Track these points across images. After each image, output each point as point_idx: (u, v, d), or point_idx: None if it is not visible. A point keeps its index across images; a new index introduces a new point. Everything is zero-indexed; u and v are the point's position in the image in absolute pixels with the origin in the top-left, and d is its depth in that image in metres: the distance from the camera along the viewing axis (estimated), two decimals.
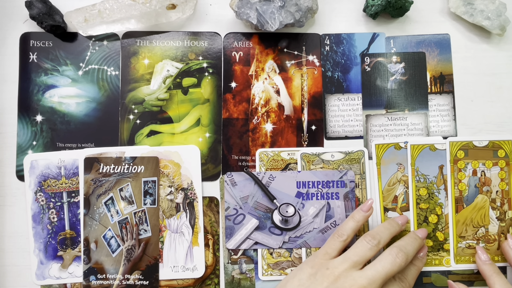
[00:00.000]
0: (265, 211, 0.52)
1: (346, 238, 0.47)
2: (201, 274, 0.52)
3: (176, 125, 0.54)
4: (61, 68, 0.54)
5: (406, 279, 0.47)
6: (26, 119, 0.53)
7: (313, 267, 0.46)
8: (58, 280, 0.51)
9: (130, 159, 0.52)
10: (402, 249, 0.45)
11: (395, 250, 0.45)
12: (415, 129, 0.54)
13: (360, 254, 0.45)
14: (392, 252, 0.45)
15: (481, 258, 0.51)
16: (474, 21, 0.55)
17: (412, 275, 0.48)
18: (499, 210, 0.53)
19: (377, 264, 0.44)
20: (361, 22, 0.56)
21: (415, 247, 0.47)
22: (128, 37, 0.55)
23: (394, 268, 0.44)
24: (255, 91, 0.55)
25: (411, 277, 0.48)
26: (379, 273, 0.44)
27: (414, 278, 0.48)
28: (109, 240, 0.51)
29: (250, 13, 0.52)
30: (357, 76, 0.55)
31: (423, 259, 0.49)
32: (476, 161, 0.53)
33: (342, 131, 0.55)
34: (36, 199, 0.52)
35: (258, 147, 0.54)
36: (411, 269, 0.48)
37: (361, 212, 0.49)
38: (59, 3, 0.54)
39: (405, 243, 0.47)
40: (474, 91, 0.55)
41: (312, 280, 0.44)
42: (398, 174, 0.53)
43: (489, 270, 0.49)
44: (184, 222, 0.52)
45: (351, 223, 0.48)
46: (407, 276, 0.47)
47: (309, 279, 0.45)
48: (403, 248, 0.46)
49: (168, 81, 0.54)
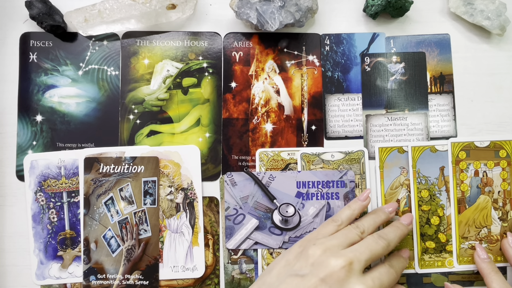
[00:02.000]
0: (265, 211, 0.52)
1: (341, 223, 0.47)
2: (201, 274, 0.52)
3: (176, 125, 0.54)
4: (61, 68, 0.54)
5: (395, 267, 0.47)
6: (26, 119, 0.53)
7: (300, 246, 0.46)
8: (58, 280, 0.51)
9: (130, 159, 0.52)
10: (382, 235, 0.46)
11: (376, 236, 0.46)
12: (415, 129, 0.54)
13: (347, 236, 0.45)
14: (374, 236, 0.46)
15: (479, 256, 0.51)
16: (474, 21, 0.55)
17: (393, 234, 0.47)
18: (501, 210, 0.53)
19: (361, 243, 0.45)
20: (361, 22, 0.56)
21: (397, 234, 0.47)
22: (128, 37, 0.55)
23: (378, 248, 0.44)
24: (255, 91, 0.55)
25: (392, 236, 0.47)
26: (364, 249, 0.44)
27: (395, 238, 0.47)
28: (109, 240, 0.51)
29: (250, 13, 0.52)
30: (357, 76, 0.55)
31: (408, 226, 0.49)
32: (477, 162, 0.53)
33: (342, 131, 0.55)
34: (36, 199, 0.52)
35: (258, 147, 0.54)
36: (395, 231, 0.48)
37: (358, 201, 0.49)
38: (59, 3, 0.54)
39: (387, 231, 0.47)
40: (474, 91, 0.55)
41: (298, 258, 0.44)
42: (401, 178, 0.53)
43: (487, 268, 0.49)
44: (184, 222, 0.52)
45: (347, 211, 0.49)
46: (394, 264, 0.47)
47: (296, 257, 0.45)
48: (384, 234, 0.46)
49: (168, 81, 0.54)
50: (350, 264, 0.42)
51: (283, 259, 0.45)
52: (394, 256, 0.49)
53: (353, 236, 0.46)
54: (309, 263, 0.43)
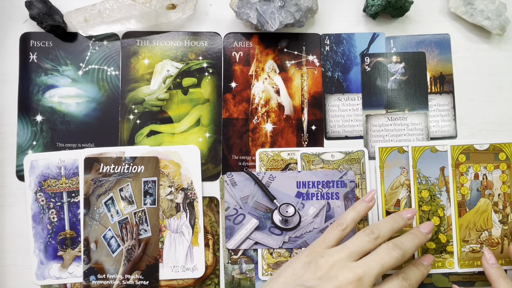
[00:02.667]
0: (265, 211, 0.52)
1: (346, 227, 0.46)
2: (201, 274, 0.52)
3: (176, 125, 0.54)
4: (61, 68, 0.54)
5: (410, 279, 0.45)
6: (26, 119, 0.53)
7: (308, 255, 0.44)
8: (58, 280, 0.51)
9: (130, 159, 0.52)
10: (398, 244, 0.44)
11: (391, 245, 0.44)
12: (415, 129, 0.54)
13: (358, 245, 0.44)
14: (388, 245, 0.44)
15: (488, 261, 0.49)
16: (474, 21, 0.55)
17: (416, 277, 0.45)
18: (501, 213, 0.53)
19: (373, 255, 0.43)
20: (361, 22, 0.56)
21: (415, 243, 0.45)
22: (128, 37, 0.55)
23: (391, 260, 0.43)
24: (255, 91, 0.55)
25: (415, 279, 0.45)
26: (375, 263, 0.42)
27: (418, 281, 0.46)
28: (109, 240, 0.51)
29: (250, 13, 0.52)
30: (357, 76, 0.55)
31: (428, 267, 0.47)
32: (477, 165, 0.53)
33: (342, 131, 0.55)
34: (36, 199, 0.52)
35: (258, 147, 0.54)
36: (415, 271, 0.46)
37: (363, 202, 0.48)
38: (59, 3, 0.54)
39: (404, 239, 0.45)
40: (474, 91, 0.55)
41: (306, 269, 0.43)
42: (401, 178, 0.53)
43: (496, 274, 0.48)
44: (184, 222, 0.52)
45: (352, 213, 0.47)
46: (411, 276, 0.45)
47: (303, 267, 0.44)
48: (400, 243, 0.44)
49: (168, 81, 0.54)
50: (359, 280, 0.41)
51: (290, 267, 0.44)
52: (410, 266, 0.47)
53: (364, 244, 0.44)
54: (316, 276, 0.42)
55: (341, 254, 0.43)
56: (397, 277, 0.44)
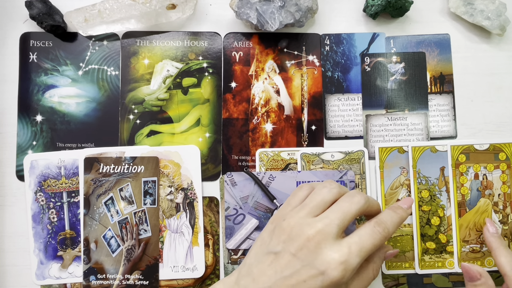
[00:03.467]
0: (265, 211, 0.52)
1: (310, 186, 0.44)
2: (201, 274, 0.52)
3: (176, 125, 0.54)
4: (61, 68, 0.54)
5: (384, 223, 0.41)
6: (26, 119, 0.53)
7: (272, 222, 0.43)
8: (58, 280, 0.51)
9: (130, 159, 0.52)
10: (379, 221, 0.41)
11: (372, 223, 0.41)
12: (415, 129, 0.54)
13: (316, 199, 0.42)
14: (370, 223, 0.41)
15: (489, 230, 0.49)
16: (474, 21, 0.55)
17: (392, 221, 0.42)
18: (501, 213, 0.53)
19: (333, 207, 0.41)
20: (361, 22, 0.56)
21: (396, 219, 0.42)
22: (128, 37, 0.55)
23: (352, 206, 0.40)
24: (255, 91, 0.55)
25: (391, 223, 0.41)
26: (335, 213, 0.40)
27: (395, 225, 0.42)
28: (109, 240, 0.51)
29: (250, 13, 0.52)
30: (357, 76, 0.55)
31: (407, 210, 0.44)
32: (477, 165, 0.53)
33: (342, 131, 0.55)
34: (36, 199, 0.52)
35: (258, 147, 0.54)
36: (392, 214, 0.42)
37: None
38: (59, 3, 0.54)
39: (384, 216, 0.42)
40: (474, 91, 0.55)
41: (271, 235, 0.41)
42: (401, 178, 0.53)
43: (496, 242, 0.48)
44: (184, 222, 0.52)
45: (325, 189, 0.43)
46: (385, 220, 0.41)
47: (269, 235, 0.42)
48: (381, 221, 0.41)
49: (168, 81, 0.54)
50: (321, 233, 0.39)
51: (259, 238, 0.43)
52: (387, 210, 0.43)
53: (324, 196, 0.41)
54: (281, 240, 0.40)
55: (301, 213, 0.41)
56: (369, 223, 0.41)
